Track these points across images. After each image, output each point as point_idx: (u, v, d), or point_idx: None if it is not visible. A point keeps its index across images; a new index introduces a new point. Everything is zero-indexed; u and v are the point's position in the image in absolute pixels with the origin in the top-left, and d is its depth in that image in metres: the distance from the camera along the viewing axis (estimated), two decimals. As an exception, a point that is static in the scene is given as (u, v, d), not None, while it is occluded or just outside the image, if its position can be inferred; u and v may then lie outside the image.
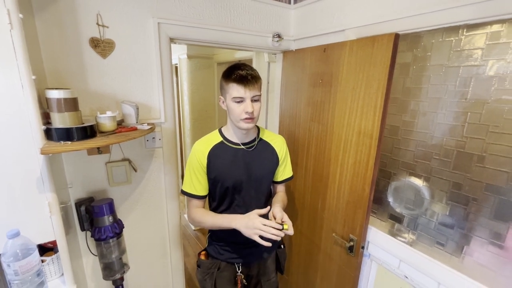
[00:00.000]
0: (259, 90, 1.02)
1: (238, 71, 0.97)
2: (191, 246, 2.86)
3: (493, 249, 0.91)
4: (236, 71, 0.97)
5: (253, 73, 0.99)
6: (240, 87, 0.96)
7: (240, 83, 0.96)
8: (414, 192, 1.13)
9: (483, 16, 0.84)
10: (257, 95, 1.01)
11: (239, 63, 1.03)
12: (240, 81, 0.96)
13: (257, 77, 1.00)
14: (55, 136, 0.86)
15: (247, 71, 0.97)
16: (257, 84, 1.00)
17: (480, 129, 0.91)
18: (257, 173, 1.13)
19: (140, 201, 1.37)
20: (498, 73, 0.85)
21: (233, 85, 0.97)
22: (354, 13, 1.23)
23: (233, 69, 0.99)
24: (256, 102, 1.01)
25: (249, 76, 0.97)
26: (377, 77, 1.08)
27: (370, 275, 1.32)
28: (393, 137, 1.18)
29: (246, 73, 0.97)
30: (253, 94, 0.99)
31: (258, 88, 1.01)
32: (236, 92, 0.97)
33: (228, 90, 0.99)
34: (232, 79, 0.97)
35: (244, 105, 0.98)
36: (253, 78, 0.98)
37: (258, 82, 1.00)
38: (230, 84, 0.98)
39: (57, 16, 1.01)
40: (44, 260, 0.96)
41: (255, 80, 0.99)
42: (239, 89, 0.97)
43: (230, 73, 0.98)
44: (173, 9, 1.23)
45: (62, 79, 1.06)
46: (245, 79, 0.96)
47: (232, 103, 0.99)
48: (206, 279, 1.18)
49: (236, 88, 0.97)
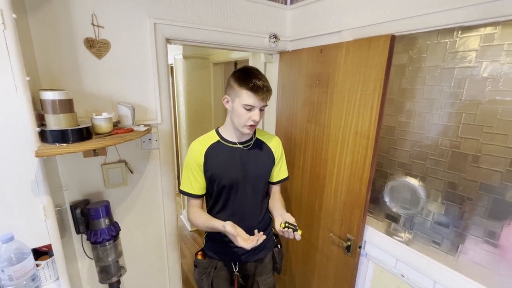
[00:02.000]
0: (268, 101, 1.05)
1: (255, 80, 0.98)
2: (187, 247, 2.84)
3: (488, 247, 0.92)
4: (254, 80, 0.98)
5: (268, 85, 1.02)
6: (255, 96, 0.98)
7: (256, 93, 0.97)
8: (410, 192, 1.14)
9: (477, 19, 0.86)
10: (265, 105, 1.04)
11: (254, 69, 1.04)
12: (256, 91, 0.97)
13: (271, 90, 1.03)
14: (50, 138, 0.85)
15: (264, 83, 0.99)
16: (269, 95, 1.03)
17: (475, 129, 0.92)
18: (254, 172, 1.13)
19: (136, 203, 1.35)
20: (492, 75, 0.87)
21: (248, 93, 0.98)
22: (350, 15, 1.23)
23: (250, 77, 0.99)
24: (262, 111, 1.05)
25: (265, 88, 0.99)
26: (373, 78, 1.08)
27: (367, 274, 1.33)
28: (389, 138, 1.19)
29: (262, 85, 0.98)
30: (263, 104, 1.02)
31: (269, 99, 1.04)
32: (249, 100, 0.98)
33: (241, 96, 1.00)
34: (249, 87, 0.97)
35: (252, 113, 1.01)
36: (268, 91, 1.01)
37: (270, 94, 1.03)
38: (244, 90, 0.98)
39: (51, 16, 1.00)
40: (39, 265, 0.94)
41: (268, 93, 1.01)
42: (254, 99, 0.98)
43: (247, 80, 0.98)
44: (169, 10, 1.22)
45: (57, 80, 1.05)
46: (261, 90, 0.98)
47: (241, 109, 1.01)
48: (203, 278, 1.18)
49: (251, 96, 0.98)
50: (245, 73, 1.01)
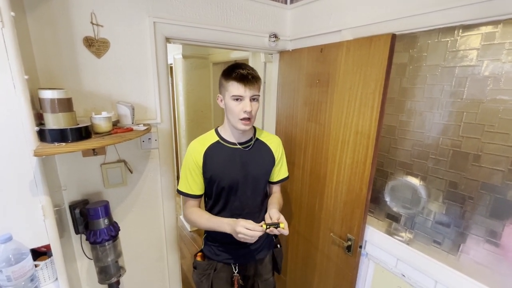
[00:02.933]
0: (258, 90, 1.03)
1: (239, 70, 0.98)
2: (187, 248, 2.83)
3: (489, 247, 0.92)
4: (237, 70, 0.98)
5: (253, 72, 1.00)
6: (240, 85, 0.97)
7: (241, 81, 0.97)
8: (411, 191, 1.14)
9: (479, 17, 0.85)
10: (256, 95, 1.02)
11: (240, 63, 1.04)
12: (240, 79, 0.97)
13: (257, 77, 1.02)
14: (49, 137, 0.84)
15: (248, 71, 0.99)
16: (257, 84, 1.01)
17: (476, 128, 0.92)
18: (254, 173, 1.12)
19: (136, 203, 1.35)
20: (493, 73, 0.86)
21: (233, 83, 0.98)
22: (350, 14, 1.23)
23: (234, 68, 1.00)
24: (255, 102, 1.02)
25: (250, 75, 0.98)
26: (374, 77, 1.08)
27: (367, 274, 1.32)
28: (390, 137, 1.19)
29: (247, 72, 0.98)
30: (252, 94, 1.00)
31: (258, 88, 1.02)
32: (236, 90, 0.98)
33: (228, 88, 1.00)
34: (233, 77, 0.98)
35: (243, 104, 0.99)
36: (254, 78, 0.99)
37: (258, 82, 1.02)
38: (230, 82, 0.99)
39: (50, 15, 0.99)
40: (38, 265, 0.94)
41: (255, 80, 1.00)
42: (239, 88, 0.97)
43: (231, 72, 0.99)
44: (169, 9, 1.22)
45: (56, 79, 1.04)
46: (245, 78, 0.97)
47: (231, 101, 1.00)
48: (203, 280, 1.17)
49: (236, 86, 0.98)
50: (230, 67, 1.02)
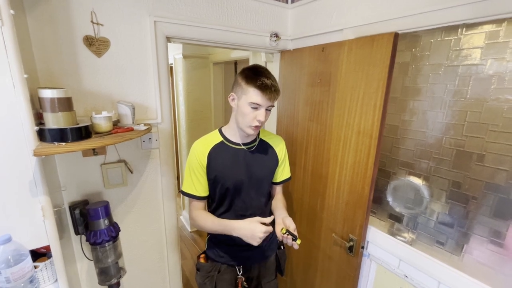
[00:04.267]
0: (275, 102, 1.03)
1: (264, 79, 0.96)
2: (187, 249, 2.82)
3: (493, 247, 0.91)
4: (262, 78, 0.96)
5: (277, 85, 1.00)
6: (262, 95, 0.96)
7: (264, 91, 0.96)
8: (414, 191, 1.13)
9: (482, 16, 0.84)
10: (272, 106, 1.02)
11: (264, 68, 1.02)
12: (264, 89, 0.95)
13: (279, 91, 1.01)
14: (49, 137, 0.83)
15: (272, 82, 0.98)
16: (277, 96, 1.01)
17: (480, 127, 0.91)
18: (258, 174, 1.11)
19: (136, 204, 1.34)
20: (497, 72, 0.86)
21: (256, 91, 0.96)
22: (352, 12, 1.22)
23: (259, 75, 0.97)
24: (268, 111, 1.02)
25: (273, 87, 0.97)
26: (376, 77, 1.07)
27: (369, 275, 1.31)
28: (393, 137, 1.18)
29: (271, 84, 0.97)
30: (269, 104, 0.99)
31: (276, 99, 1.02)
32: (256, 98, 0.96)
33: (248, 93, 0.98)
34: (257, 85, 0.95)
35: (258, 113, 0.99)
36: (276, 91, 0.99)
37: (278, 95, 1.01)
38: (252, 88, 0.96)
39: (50, 13, 0.98)
40: (37, 266, 0.92)
41: (276, 93, 0.99)
42: (261, 97, 0.96)
43: (255, 78, 0.97)
44: (169, 7, 1.21)
45: (56, 78, 1.03)
46: (269, 89, 0.96)
47: (247, 107, 0.99)
48: (206, 282, 1.16)
49: (258, 94, 0.96)
50: (254, 71, 0.99)
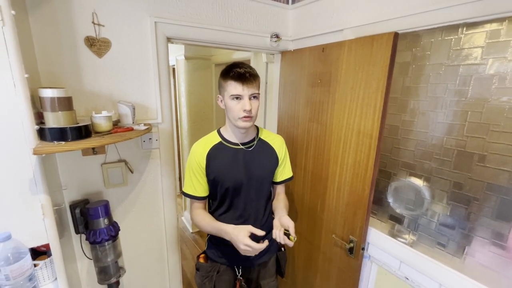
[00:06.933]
0: (258, 89, 1.02)
1: (236, 69, 0.97)
2: (189, 249, 2.82)
3: (495, 249, 0.90)
4: (234, 69, 0.97)
5: (251, 71, 0.99)
6: (238, 84, 0.96)
7: (238, 80, 0.96)
8: (415, 193, 1.12)
9: (482, 15, 0.84)
10: (255, 93, 1.01)
11: (237, 62, 1.03)
12: (238, 78, 0.96)
13: (255, 75, 1.00)
14: (49, 136, 0.84)
15: (245, 69, 0.98)
16: (255, 82, 1.00)
17: (481, 128, 0.90)
18: (257, 174, 1.11)
19: (136, 203, 1.34)
20: (498, 72, 0.85)
21: (231, 82, 0.97)
22: (352, 13, 1.22)
23: (231, 67, 0.99)
24: (255, 100, 1.01)
25: (247, 73, 0.97)
26: (376, 77, 1.07)
27: (370, 276, 1.30)
28: (393, 137, 1.17)
29: (244, 71, 0.97)
30: (251, 92, 0.98)
31: (257, 86, 1.01)
32: (234, 90, 0.97)
33: (226, 88, 0.99)
34: (230, 76, 0.97)
35: (242, 103, 0.98)
36: (251, 76, 0.98)
37: (256, 80, 1.00)
38: (228, 81, 0.98)
39: (51, 14, 0.99)
40: (37, 264, 0.93)
41: (253, 78, 0.99)
42: (237, 87, 0.97)
43: (228, 71, 0.99)
44: (170, 8, 1.22)
45: (56, 78, 1.04)
46: (243, 77, 0.96)
47: (230, 101, 0.99)
48: (205, 282, 1.16)
49: (234, 85, 0.97)
50: (228, 66, 1.01)
